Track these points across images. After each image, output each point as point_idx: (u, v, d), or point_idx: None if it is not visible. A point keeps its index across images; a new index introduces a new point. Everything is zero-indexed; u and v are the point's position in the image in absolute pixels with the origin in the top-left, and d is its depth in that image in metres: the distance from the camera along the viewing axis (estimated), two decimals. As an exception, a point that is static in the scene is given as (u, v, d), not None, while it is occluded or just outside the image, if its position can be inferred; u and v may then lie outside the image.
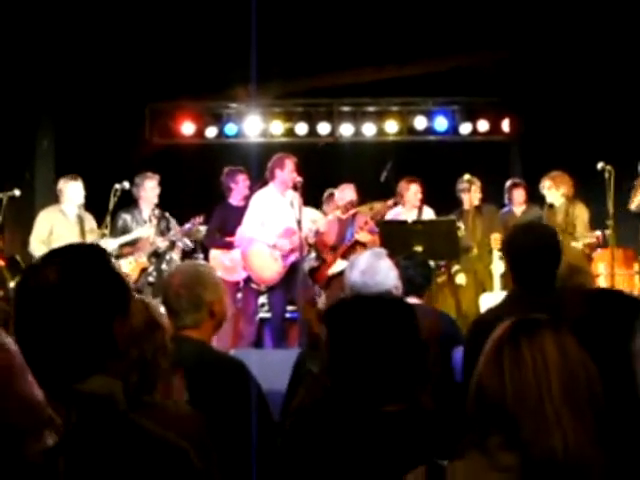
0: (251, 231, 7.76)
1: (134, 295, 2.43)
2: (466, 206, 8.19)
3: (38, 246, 7.57)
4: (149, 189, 8.05)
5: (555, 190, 8.01)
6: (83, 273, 1.64)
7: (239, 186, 8.36)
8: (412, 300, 4.40)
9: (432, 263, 7.17)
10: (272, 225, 7.74)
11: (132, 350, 2.26)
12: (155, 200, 8.12)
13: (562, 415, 1.63)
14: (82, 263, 1.66)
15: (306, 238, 7.82)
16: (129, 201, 8.16)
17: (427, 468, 1.68)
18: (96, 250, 1.75)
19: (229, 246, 8.21)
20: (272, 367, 4.46)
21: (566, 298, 2.40)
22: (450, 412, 2.28)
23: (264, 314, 9.02)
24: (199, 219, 8.13)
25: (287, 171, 7.73)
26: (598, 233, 7.60)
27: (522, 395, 1.65)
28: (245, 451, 2.69)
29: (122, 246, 7.90)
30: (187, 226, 8.13)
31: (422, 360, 2.34)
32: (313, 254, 8.40)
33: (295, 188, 7.76)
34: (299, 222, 7.59)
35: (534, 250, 3.34)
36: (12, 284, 7.12)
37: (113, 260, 1.75)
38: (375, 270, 3.64)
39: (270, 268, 7.75)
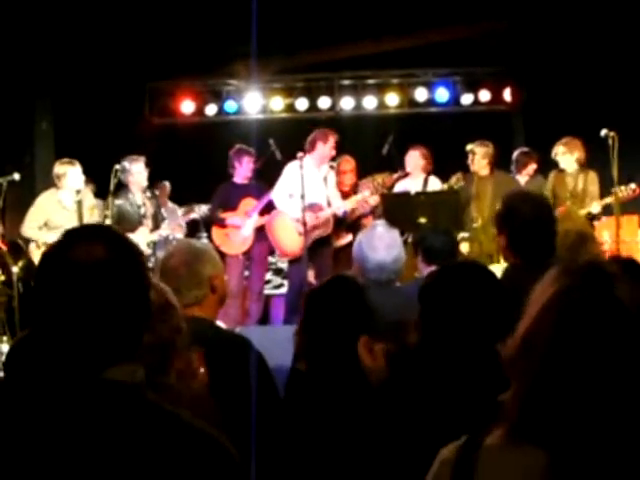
0: (279, 202, 7.83)
1: None
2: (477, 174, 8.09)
3: (33, 231, 7.51)
4: (136, 173, 7.82)
5: (570, 155, 7.93)
6: (128, 251, 1.55)
7: (242, 167, 8.37)
8: (432, 269, 4.26)
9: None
10: (300, 198, 7.69)
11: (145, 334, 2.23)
12: (145, 183, 7.92)
13: None
14: (123, 241, 1.57)
15: (334, 216, 7.86)
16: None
17: (465, 442, 1.50)
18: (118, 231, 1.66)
19: (225, 224, 8.23)
20: (278, 344, 4.42)
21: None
22: None
23: (269, 291, 9.03)
24: (203, 208, 8.10)
25: (329, 146, 7.80)
26: (633, 186, 7.51)
27: None
28: (250, 429, 2.68)
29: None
30: (193, 215, 8.10)
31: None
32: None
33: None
34: (329, 198, 7.78)
35: (535, 220, 3.27)
36: (15, 269, 7.08)
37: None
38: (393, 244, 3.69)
39: (293, 241, 7.79)
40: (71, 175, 7.65)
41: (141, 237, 7.59)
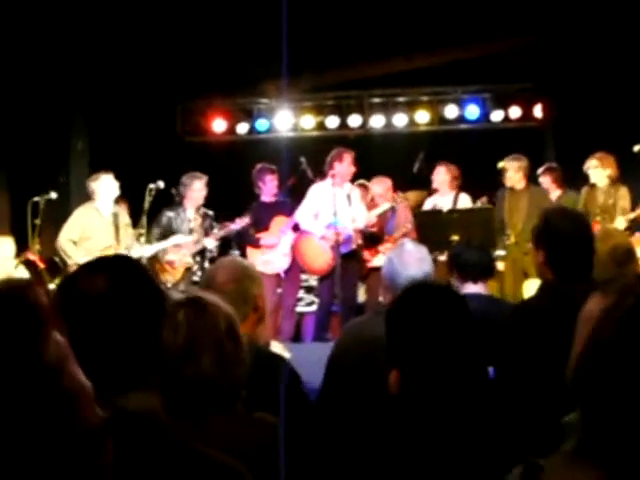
0: (304, 222, 8.00)
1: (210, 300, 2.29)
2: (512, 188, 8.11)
3: (68, 244, 7.57)
4: (196, 190, 8.10)
5: (602, 170, 7.88)
6: (131, 282, 1.60)
7: (267, 185, 8.45)
8: (470, 288, 4.14)
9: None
10: (324, 217, 7.89)
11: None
12: (201, 201, 8.18)
13: None
14: (128, 272, 1.62)
15: (358, 231, 8.03)
16: (164, 200, 8.21)
17: (524, 468, 1.44)
18: (135, 260, 1.73)
19: (259, 244, 8.27)
20: (309, 361, 4.44)
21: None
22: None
23: (302, 308, 9.06)
24: (245, 219, 8.14)
25: (345, 164, 7.96)
26: None
27: None
28: (289, 450, 2.69)
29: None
30: (233, 226, 8.14)
31: None
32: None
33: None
34: (354, 216, 7.93)
35: (574, 237, 3.20)
36: (52, 286, 7.16)
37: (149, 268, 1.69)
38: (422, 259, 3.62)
39: (321, 258, 7.88)
40: (105, 184, 7.71)
41: (186, 249, 7.92)
